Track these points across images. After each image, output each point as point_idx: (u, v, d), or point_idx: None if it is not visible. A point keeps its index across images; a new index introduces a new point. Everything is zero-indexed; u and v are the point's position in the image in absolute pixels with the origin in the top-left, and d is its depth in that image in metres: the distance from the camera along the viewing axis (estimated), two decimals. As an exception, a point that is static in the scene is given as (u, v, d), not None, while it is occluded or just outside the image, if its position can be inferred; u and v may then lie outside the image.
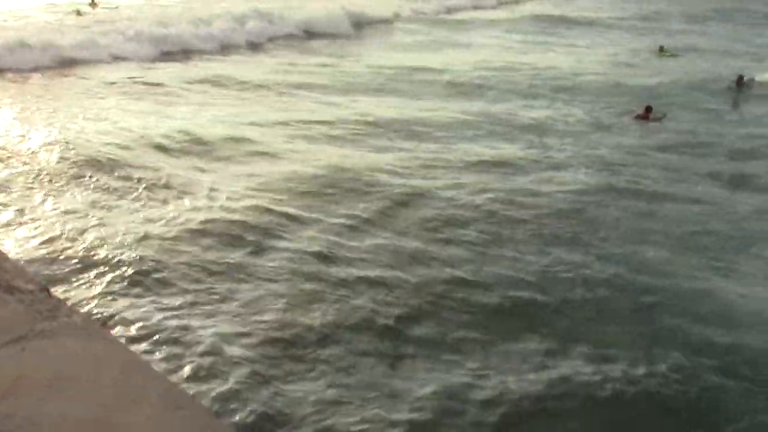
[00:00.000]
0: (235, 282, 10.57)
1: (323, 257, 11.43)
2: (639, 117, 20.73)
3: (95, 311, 9.39)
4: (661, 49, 31.89)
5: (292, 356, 8.83)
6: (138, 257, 11.06)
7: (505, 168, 16.38)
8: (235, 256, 11.43)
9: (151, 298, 9.96)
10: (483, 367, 8.66)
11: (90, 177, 14.67)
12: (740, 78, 23.94)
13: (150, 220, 12.61)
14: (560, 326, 9.64)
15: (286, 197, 13.96)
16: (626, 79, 27.13)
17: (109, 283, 10.27)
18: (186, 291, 10.24)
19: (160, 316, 9.49)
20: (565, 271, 11.21)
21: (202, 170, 15.58)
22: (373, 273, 10.89)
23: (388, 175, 15.37)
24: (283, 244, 11.93)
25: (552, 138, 19.26)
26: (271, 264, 11.15)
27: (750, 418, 7.91)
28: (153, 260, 11.03)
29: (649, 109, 20.91)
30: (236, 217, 12.86)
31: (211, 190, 14.16)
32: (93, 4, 45.57)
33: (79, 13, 41.27)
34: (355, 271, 10.92)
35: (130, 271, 10.66)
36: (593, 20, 45.26)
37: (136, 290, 10.15)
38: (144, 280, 10.48)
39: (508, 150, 17.95)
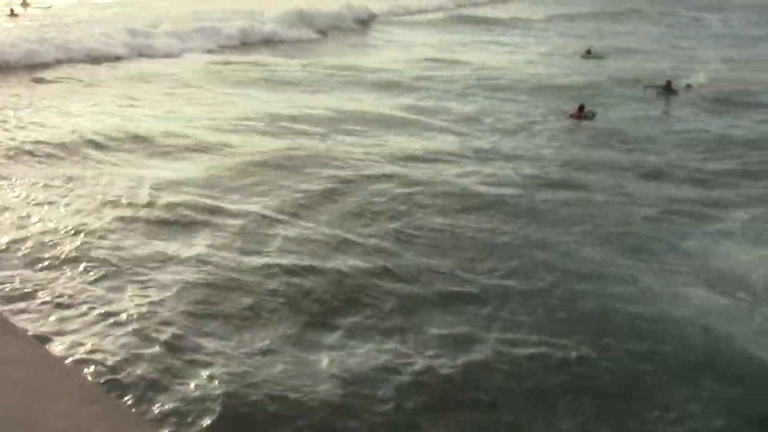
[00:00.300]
0: (155, 270, 10.47)
1: (244, 247, 11.42)
2: (572, 116, 20.99)
3: (7, 308, 9.18)
4: (588, 51, 32.40)
5: (210, 342, 8.71)
6: (60, 251, 10.91)
7: (435, 161, 16.54)
8: (158, 244, 11.41)
9: (69, 292, 9.73)
10: (404, 353, 8.64)
11: (20, 172, 14.73)
12: (668, 82, 24.40)
13: (77, 212, 12.55)
14: (481, 313, 9.63)
15: (214, 189, 14.05)
16: (557, 79, 27.59)
17: (25, 280, 10.02)
18: (107, 278, 10.15)
19: (77, 310, 9.27)
20: (488, 260, 11.28)
21: (133, 164, 15.77)
22: (295, 261, 10.87)
23: (318, 167, 15.50)
24: (206, 233, 11.94)
25: (484, 133, 19.46)
26: (192, 253, 11.09)
27: (679, 408, 7.92)
28: (76, 252, 10.91)
29: (581, 107, 21.21)
30: (160, 208, 12.91)
31: (139, 180, 14.27)
32: (25, 5, 45.33)
33: (12, 13, 41.12)
34: (276, 260, 10.89)
35: (48, 264, 10.51)
36: (528, 21, 45.93)
37: (54, 285, 9.92)
38: (64, 271, 10.33)
39: (439, 144, 18.17)
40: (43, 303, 9.39)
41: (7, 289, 9.70)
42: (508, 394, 7.99)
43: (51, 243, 11.21)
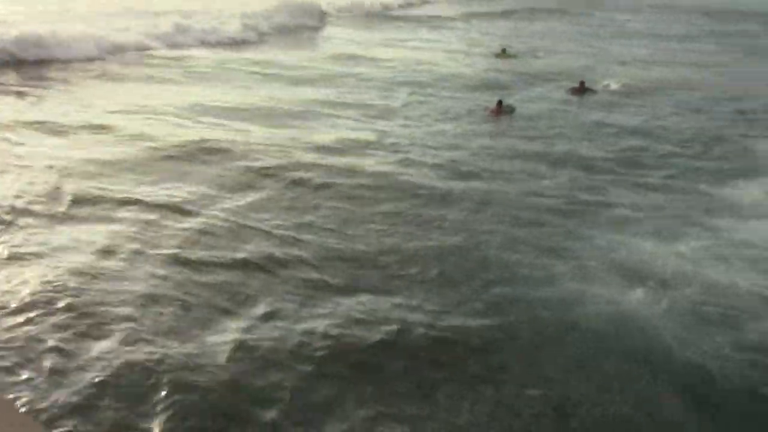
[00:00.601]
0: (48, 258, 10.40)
1: (148, 238, 11.37)
2: (492, 111, 21.25)
3: None
4: (504, 50, 32.85)
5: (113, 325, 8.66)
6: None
7: (352, 152, 16.75)
8: (62, 230, 11.40)
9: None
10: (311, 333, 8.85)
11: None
12: (582, 83, 24.87)
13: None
14: (388, 298, 9.82)
15: (123, 177, 14.14)
16: (476, 76, 27.92)
17: None
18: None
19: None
20: (399, 247, 11.49)
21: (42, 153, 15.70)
22: (201, 252, 10.92)
23: (233, 159, 15.58)
24: (112, 222, 11.92)
25: (403, 127, 19.63)
26: (93, 239, 11.08)
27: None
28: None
29: (500, 103, 21.48)
30: (66, 195, 12.94)
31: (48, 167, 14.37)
32: None
33: None
34: (181, 251, 10.93)
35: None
36: (449, 19, 46.35)
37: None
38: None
39: (357, 135, 18.31)
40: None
41: None
42: (411, 368, 8.34)
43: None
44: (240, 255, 10.84)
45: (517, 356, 8.74)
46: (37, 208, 12.24)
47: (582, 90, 24.48)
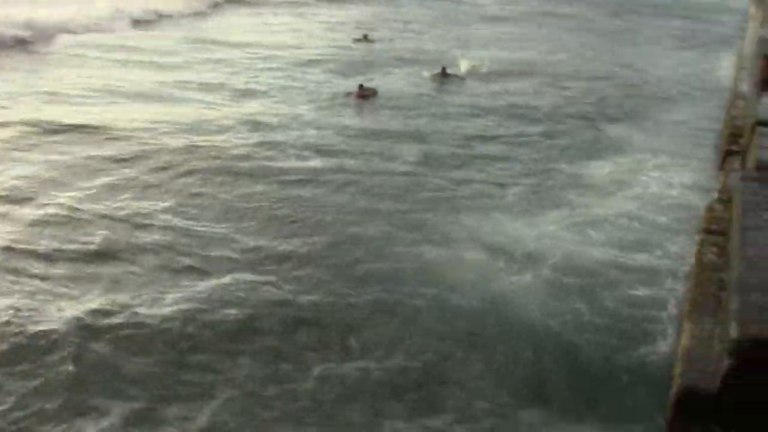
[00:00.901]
0: None
1: None
2: (354, 95, 21.31)
3: None
4: (365, 36, 33.01)
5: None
6: None
7: (215, 133, 16.81)
8: None
9: None
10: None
11: None
12: (444, 68, 25.19)
13: None
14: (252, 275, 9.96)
15: None
16: (336, 59, 27.75)
17: None
18: None
19: None
20: (267, 226, 11.70)
21: None
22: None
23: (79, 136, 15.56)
24: None
25: (267, 107, 19.58)
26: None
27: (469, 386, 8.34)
28: None
29: (361, 87, 21.58)
30: None
31: None
32: None
33: None
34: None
35: None
36: (315, 4, 45.99)
37: None
38: None
39: (219, 117, 18.24)
40: None
41: None
42: (269, 348, 8.57)
43: None
44: (87, 242, 10.69)
45: (382, 333, 8.94)
46: None
47: (444, 75, 24.88)
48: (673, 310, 9.59)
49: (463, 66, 26.56)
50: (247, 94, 21.51)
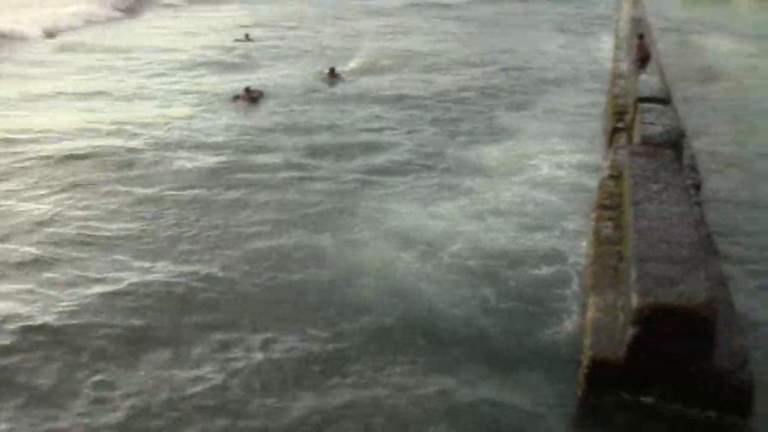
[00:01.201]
0: None
1: None
2: (242, 98, 20.90)
3: None
4: (247, 36, 32.64)
5: None
6: None
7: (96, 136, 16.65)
8: None
9: None
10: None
11: None
12: (332, 69, 24.90)
13: None
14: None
15: None
16: (221, 60, 27.19)
17: None
18: None
19: None
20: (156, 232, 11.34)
21: None
22: None
23: None
24: None
25: (151, 109, 19.21)
26: None
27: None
28: None
29: (248, 89, 21.19)
30: None
31: None
32: None
33: None
34: None
35: None
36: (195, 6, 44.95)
37: None
38: None
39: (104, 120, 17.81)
40: None
41: None
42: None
43: None
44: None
45: (282, 326, 8.87)
46: None
47: (332, 75, 24.56)
48: (575, 286, 9.78)
49: (351, 64, 26.47)
50: (130, 98, 20.81)
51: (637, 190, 9.50)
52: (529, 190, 13.54)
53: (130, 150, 15.62)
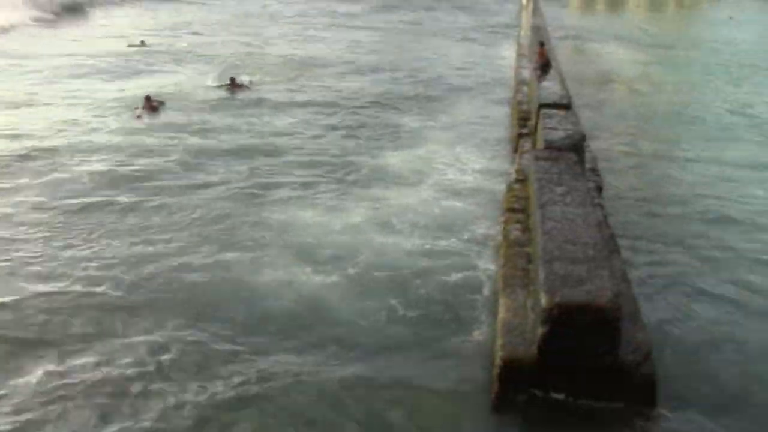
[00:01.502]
0: None
1: None
2: (144, 108, 20.34)
3: None
4: (142, 42, 32.19)
5: None
6: None
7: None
8: None
9: None
10: None
11: None
12: (233, 79, 24.45)
13: None
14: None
15: None
16: (120, 69, 26.42)
17: None
18: None
19: None
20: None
21: None
22: None
23: None
24: None
25: (51, 122, 18.21)
26: None
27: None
28: None
29: (149, 98, 20.66)
30: None
31: None
32: None
33: None
34: None
35: None
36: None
37: None
38: None
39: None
40: None
41: None
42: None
43: None
44: None
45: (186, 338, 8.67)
46: None
47: (233, 85, 24.15)
48: (486, 291, 9.73)
49: (255, 72, 26.15)
50: (19, 105, 20.14)
51: (542, 193, 9.70)
52: (436, 197, 13.50)
53: (21, 157, 15.19)
